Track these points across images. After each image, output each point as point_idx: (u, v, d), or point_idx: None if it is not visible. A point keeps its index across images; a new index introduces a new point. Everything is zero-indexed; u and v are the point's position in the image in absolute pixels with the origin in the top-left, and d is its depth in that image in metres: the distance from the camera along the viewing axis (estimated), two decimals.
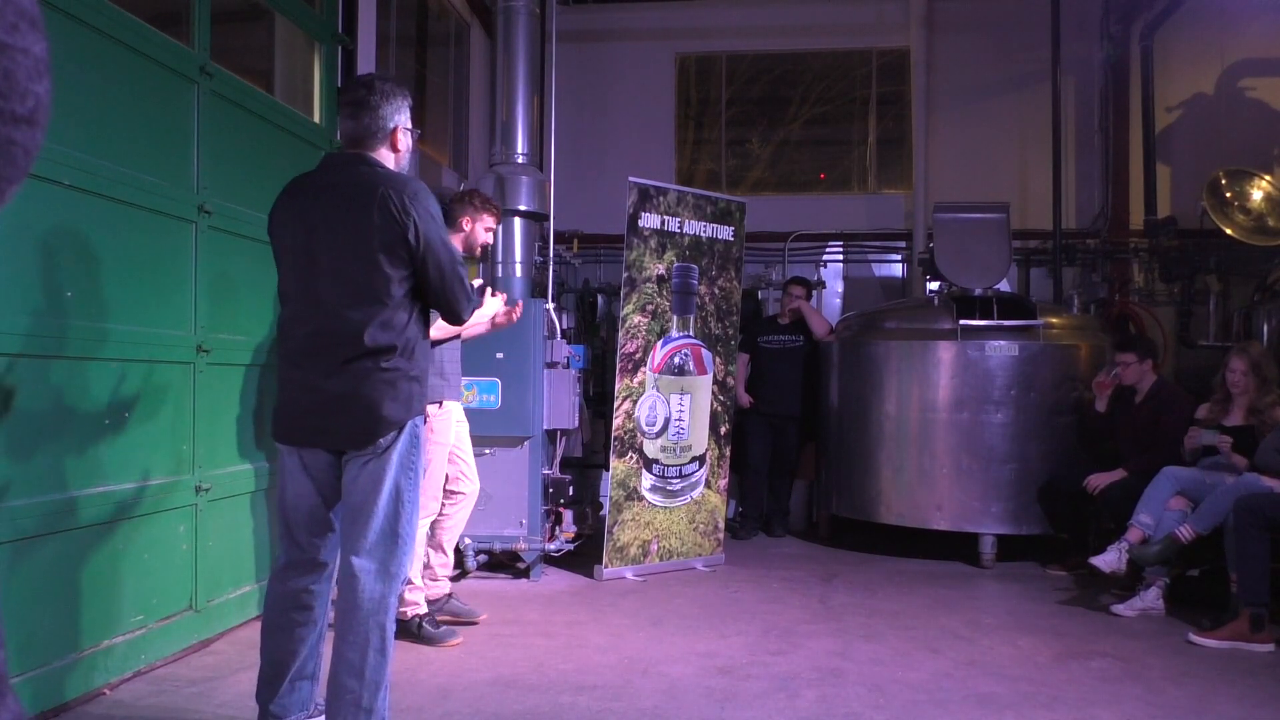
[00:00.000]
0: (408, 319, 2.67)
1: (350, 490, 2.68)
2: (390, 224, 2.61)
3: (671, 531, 5.68)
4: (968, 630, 4.41)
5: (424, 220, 2.64)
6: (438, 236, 2.68)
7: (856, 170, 8.89)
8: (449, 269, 2.70)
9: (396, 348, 2.64)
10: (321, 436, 2.68)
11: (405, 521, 2.67)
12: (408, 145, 2.81)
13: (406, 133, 2.80)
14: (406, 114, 2.80)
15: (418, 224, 2.63)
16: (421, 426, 2.75)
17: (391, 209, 2.61)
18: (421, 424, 2.75)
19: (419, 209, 2.64)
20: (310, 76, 5.15)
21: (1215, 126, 7.99)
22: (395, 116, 2.75)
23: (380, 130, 2.74)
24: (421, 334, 2.75)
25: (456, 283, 2.73)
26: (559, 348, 5.40)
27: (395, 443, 2.65)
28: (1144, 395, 5.58)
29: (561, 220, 6.72)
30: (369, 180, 2.65)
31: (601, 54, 8.83)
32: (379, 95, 2.73)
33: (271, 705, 2.78)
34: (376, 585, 2.62)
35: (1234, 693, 3.59)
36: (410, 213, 2.62)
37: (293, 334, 2.72)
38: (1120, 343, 5.84)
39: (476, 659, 3.85)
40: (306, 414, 2.67)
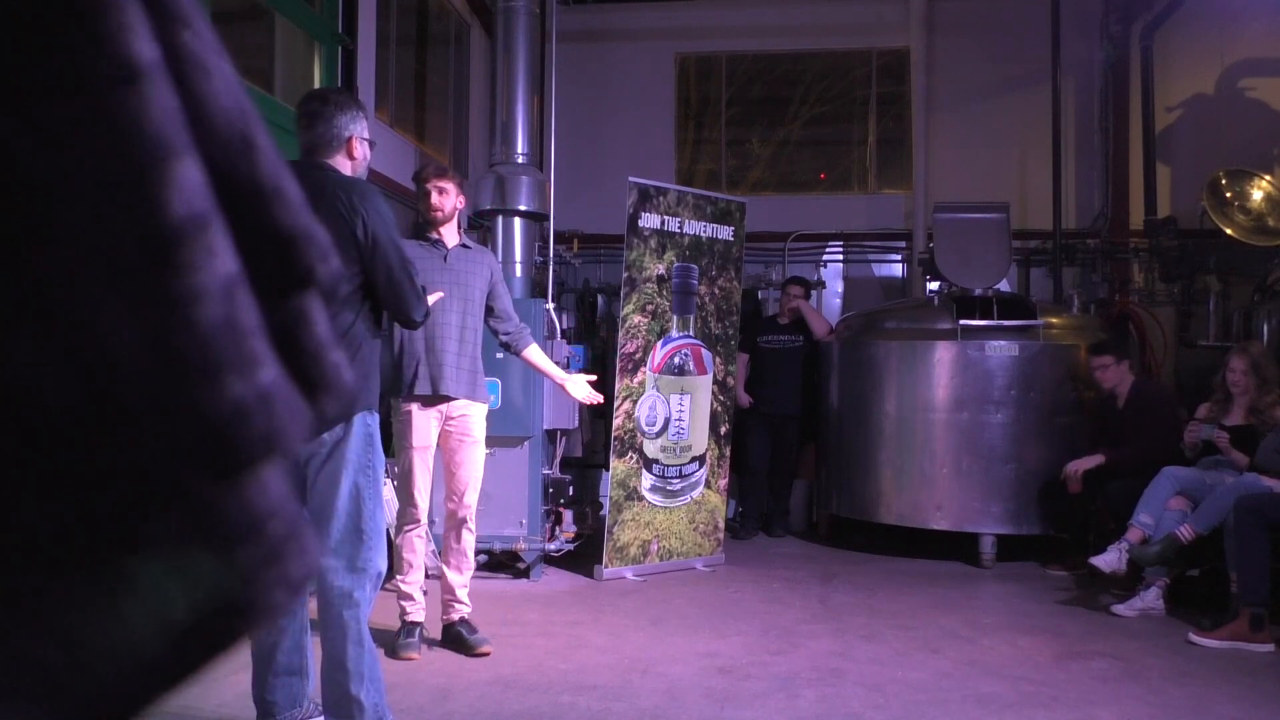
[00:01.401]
0: (355, 315, 2.74)
1: (311, 493, 2.76)
2: (338, 222, 2.68)
3: (671, 531, 5.68)
4: (968, 630, 4.41)
5: (373, 218, 2.72)
6: (387, 235, 2.75)
7: (856, 170, 8.89)
8: (398, 269, 2.77)
9: (341, 343, 2.66)
10: None
11: (368, 519, 2.74)
12: (364, 154, 2.91)
13: (363, 143, 2.89)
14: (362, 124, 2.90)
15: (366, 221, 2.71)
16: (375, 424, 2.81)
17: (339, 208, 2.69)
18: (375, 421, 2.80)
19: (367, 207, 2.72)
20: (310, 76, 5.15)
21: (1215, 126, 7.99)
22: (350, 126, 2.85)
23: (335, 139, 2.83)
24: (370, 331, 2.81)
25: (406, 283, 2.80)
26: (559, 348, 5.40)
27: (346, 440, 2.71)
28: (1125, 399, 5.59)
29: (561, 220, 6.72)
30: (319, 182, 2.73)
31: (601, 54, 8.82)
32: (333, 106, 2.85)
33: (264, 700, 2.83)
34: (343, 581, 2.70)
35: (1234, 693, 3.59)
36: (358, 210, 2.70)
37: None
38: (1096, 346, 5.80)
39: (476, 659, 3.85)
40: None
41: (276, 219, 0.62)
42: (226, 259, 0.54)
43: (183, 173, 0.52)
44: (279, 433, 0.54)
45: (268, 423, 0.53)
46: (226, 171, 0.59)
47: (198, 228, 0.52)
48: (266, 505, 0.55)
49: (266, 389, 0.54)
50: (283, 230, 0.63)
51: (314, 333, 0.65)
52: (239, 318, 0.53)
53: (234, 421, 0.52)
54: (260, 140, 0.62)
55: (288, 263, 0.63)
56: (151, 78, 0.52)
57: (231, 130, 0.60)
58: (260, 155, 0.62)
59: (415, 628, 3.96)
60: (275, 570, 0.55)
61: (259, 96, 4.46)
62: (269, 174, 0.62)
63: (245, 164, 0.61)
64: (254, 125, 0.62)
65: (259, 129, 0.62)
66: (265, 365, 0.54)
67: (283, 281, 0.63)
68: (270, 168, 0.63)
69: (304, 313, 0.65)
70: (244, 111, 0.62)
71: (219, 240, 0.54)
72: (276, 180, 0.63)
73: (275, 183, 0.63)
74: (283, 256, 0.63)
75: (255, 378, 0.53)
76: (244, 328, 0.53)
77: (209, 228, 0.53)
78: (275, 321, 0.62)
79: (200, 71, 0.59)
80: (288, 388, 0.56)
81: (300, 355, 0.64)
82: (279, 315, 0.63)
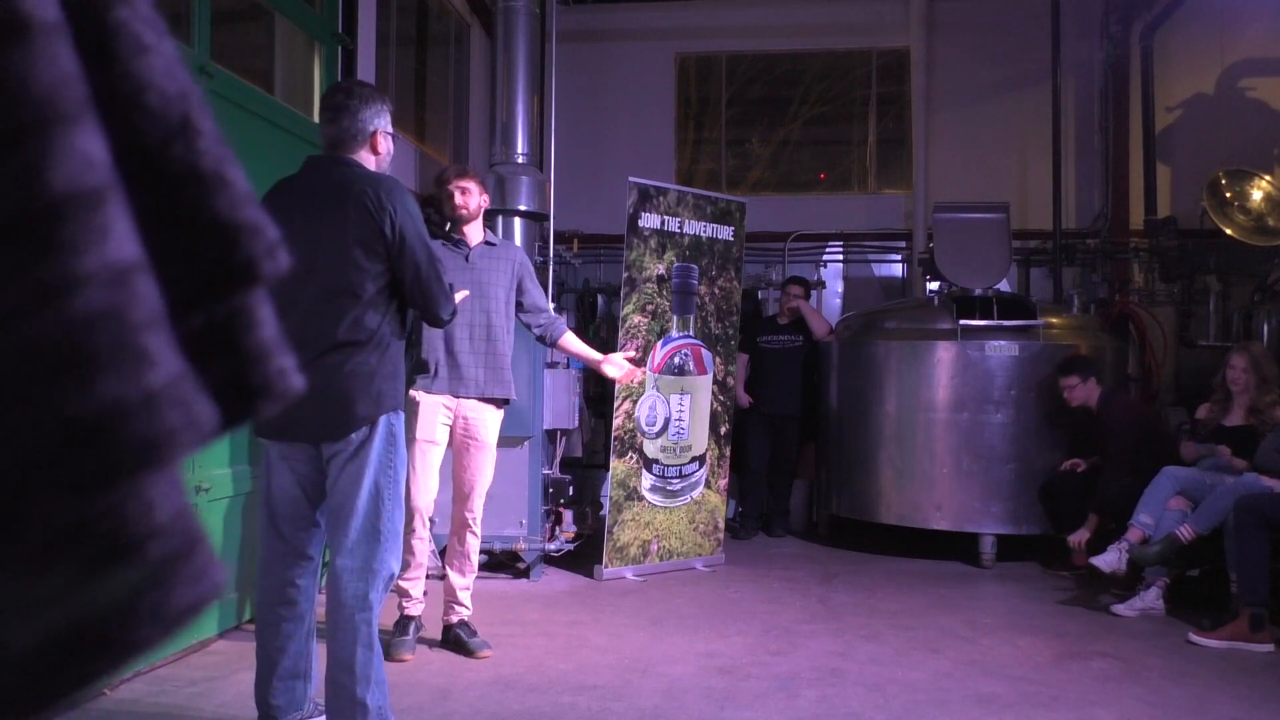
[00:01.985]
0: (382, 316, 2.71)
1: (331, 492, 2.73)
2: (366, 219, 2.66)
3: (671, 531, 5.68)
4: (968, 630, 4.41)
5: (401, 215, 2.69)
6: (415, 233, 2.72)
7: (856, 170, 8.89)
8: (426, 267, 2.74)
9: (368, 343, 2.68)
10: (296, 429, 2.72)
11: (386, 520, 2.71)
12: (388, 149, 2.87)
13: (387, 136, 2.85)
14: (386, 118, 2.86)
15: (394, 218, 2.67)
16: (399, 424, 2.78)
17: (367, 204, 2.66)
18: (398, 421, 2.78)
19: (395, 203, 2.68)
20: (310, 76, 5.15)
21: (1215, 126, 7.99)
22: (374, 120, 2.81)
23: (359, 134, 2.79)
24: (397, 332, 2.77)
25: (434, 281, 2.76)
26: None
27: (371, 440, 2.69)
28: (1096, 413, 5.62)
29: (561, 220, 6.73)
30: (346, 179, 2.71)
31: (601, 54, 8.82)
32: (358, 100, 2.79)
33: (266, 704, 2.80)
34: (359, 583, 2.67)
35: (1234, 693, 3.59)
36: (386, 207, 2.67)
37: None
38: (1062, 366, 5.77)
39: (476, 659, 3.85)
40: None
41: (216, 208, 0.57)
42: (122, 243, 0.48)
43: (72, 142, 0.46)
44: (165, 441, 0.47)
45: (150, 428, 0.47)
46: (159, 154, 0.55)
47: (83, 205, 0.46)
48: (146, 523, 0.48)
49: (152, 390, 0.47)
50: (223, 221, 0.57)
51: (257, 334, 0.60)
52: (128, 309, 0.47)
53: (104, 426, 0.45)
54: (203, 124, 0.57)
55: (228, 256, 0.58)
56: (44, 37, 0.47)
57: (169, 110, 0.56)
58: (201, 140, 0.57)
59: (411, 622, 3.95)
60: (149, 600, 0.48)
61: (259, 97, 4.46)
62: (210, 160, 0.57)
63: (183, 147, 0.56)
64: (196, 108, 0.58)
65: (202, 113, 0.58)
66: (157, 364, 0.48)
67: (222, 276, 0.58)
68: (212, 154, 0.58)
69: (246, 311, 0.59)
70: (185, 93, 0.57)
71: (114, 222, 0.48)
72: (219, 167, 0.58)
73: (217, 169, 0.58)
74: (222, 249, 0.58)
75: (140, 377, 0.47)
76: (134, 321, 0.47)
77: (100, 207, 0.47)
78: (212, 319, 0.58)
79: (135, 47, 0.55)
80: (188, 390, 0.49)
81: (238, 357, 0.59)
82: (216, 312, 0.58)
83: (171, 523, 0.49)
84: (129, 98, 0.54)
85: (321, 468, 2.76)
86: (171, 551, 0.49)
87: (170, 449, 0.47)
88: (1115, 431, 5.44)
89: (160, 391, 0.47)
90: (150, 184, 0.55)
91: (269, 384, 0.60)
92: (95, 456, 0.46)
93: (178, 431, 0.48)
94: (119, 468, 0.46)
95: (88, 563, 0.47)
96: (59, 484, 0.46)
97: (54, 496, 0.46)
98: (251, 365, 0.59)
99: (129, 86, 0.54)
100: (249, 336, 0.59)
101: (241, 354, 0.59)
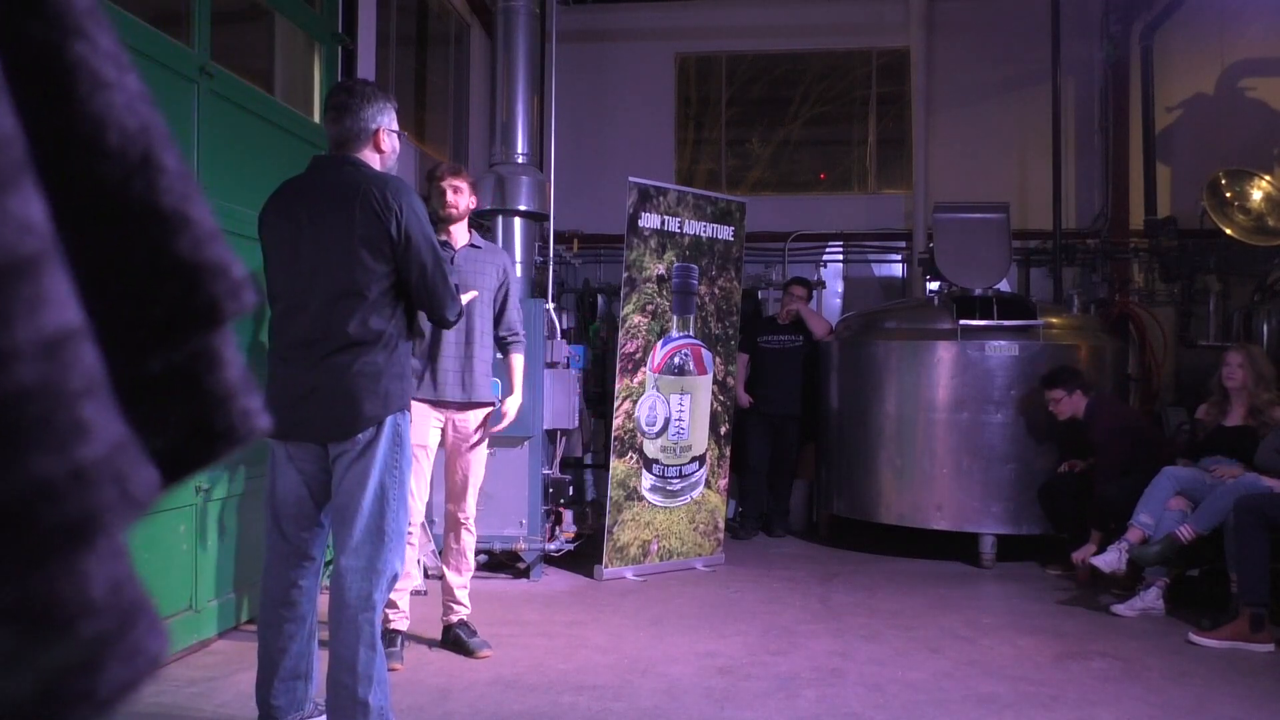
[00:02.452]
0: (389, 316, 2.71)
1: (337, 491, 2.73)
2: (372, 219, 2.65)
3: (671, 531, 5.68)
4: (968, 630, 4.41)
5: (407, 215, 2.68)
6: (421, 233, 2.71)
7: (856, 170, 8.89)
8: (432, 267, 2.73)
9: (375, 343, 2.67)
10: (303, 429, 2.72)
11: (391, 519, 2.71)
12: (393, 147, 2.86)
13: (391, 135, 2.84)
14: (391, 116, 2.85)
15: (399, 218, 2.67)
16: (405, 424, 2.77)
17: (373, 204, 2.66)
18: (405, 422, 2.77)
19: (401, 203, 2.68)
20: (310, 76, 5.15)
21: (1215, 126, 7.99)
22: (378, 119, 2.80)
23: (363, 132, 2.78)
24: (403, 332, 2.77)
25: (440, 281, 2.75)
26: (559, 348, 5.40)
27: (377, 440, 2.68)
28: (1084, 419, 5.61)
29: (561, 220, 6.72)
30: (352, 179, 2.70)
31: (601, 54, 8.83)
32: (360, 98, 2.78)
33: (267, 704, 2.80)
34: (363, 583, 2.67)
35: (1234, 693, 3.59)
36: (392, 207, 2.66)
37: (282, 331, 2.79)
38: (1046, 380, 5.74)
39: (476, 659, 3.85)
40: (288, 407, 2.70)
41: (177, 248, 0.56)
42: (57, 310, 0.45)
43: (7, 209, 0.44)
44: (96, 517, 0.45)
45: (81, 506, 0.44)
46: (118, 193, 0.54)
47: (15, 276, 0.44)
48: (76, 600, 0.45)
49: (85, 465, 0.45)
50: (184, 261, 0.56)
51: (220, 376, 0.58)
52: (62, 380, 0.45)
53: (27, 506, 0.43)
54: (165, 161, 0.56)
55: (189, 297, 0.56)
56: None
57: (128, 149, 0.54)
58: (163, 178, 0.55)
59: (397, 636, 3.86)
60: (81, 680, 0.46)
61: (259, 97, 4.46)
62: (172, 198, 0.56)
63: (142, 185, 0.55)
64: (159, 145, 0.56)
65: (166, 150, 0.56)
66: (92, 436, 0.45)
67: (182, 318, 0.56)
68: (175, 191, 0.56)
69: (210, 353, 0.58)
70: (147, 129, 0.55)
71: (50, 288, 0.45)
72: (181, 205, 0.56)
73: (179, 208, 0.56)
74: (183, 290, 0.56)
75: (72, 452, 0.44)
76: (68, 391, 0.45)
77: (35, 274, 0.45)
78: (171, 362, 0.56)
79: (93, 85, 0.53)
80: (125, 460, 0.47)
81: (200, 400, 0.57)
82: (176, 355, 0.56)
83: (105, 598, 0.46)
84: (86, 137, 0.53)
85: (327, 467, 2.76)
86: (105, 628, 0.46)
87: (103, 525, 0.45)
88: (1101, 441, 5.46)
89: (93, 466, 0.45)
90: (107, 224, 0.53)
91: (233, 427, 0.59)
92: (19, 538, 0.43)
93: (111, 506, 0.45)
94: (45, 549, 0.44)
95: (13, 644, 0.45)
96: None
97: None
98: (215, 408, 0.58)
99: (87, 126, 0.53)
100: (212, 378, 0.58)
101: (204, 397, 0.58)
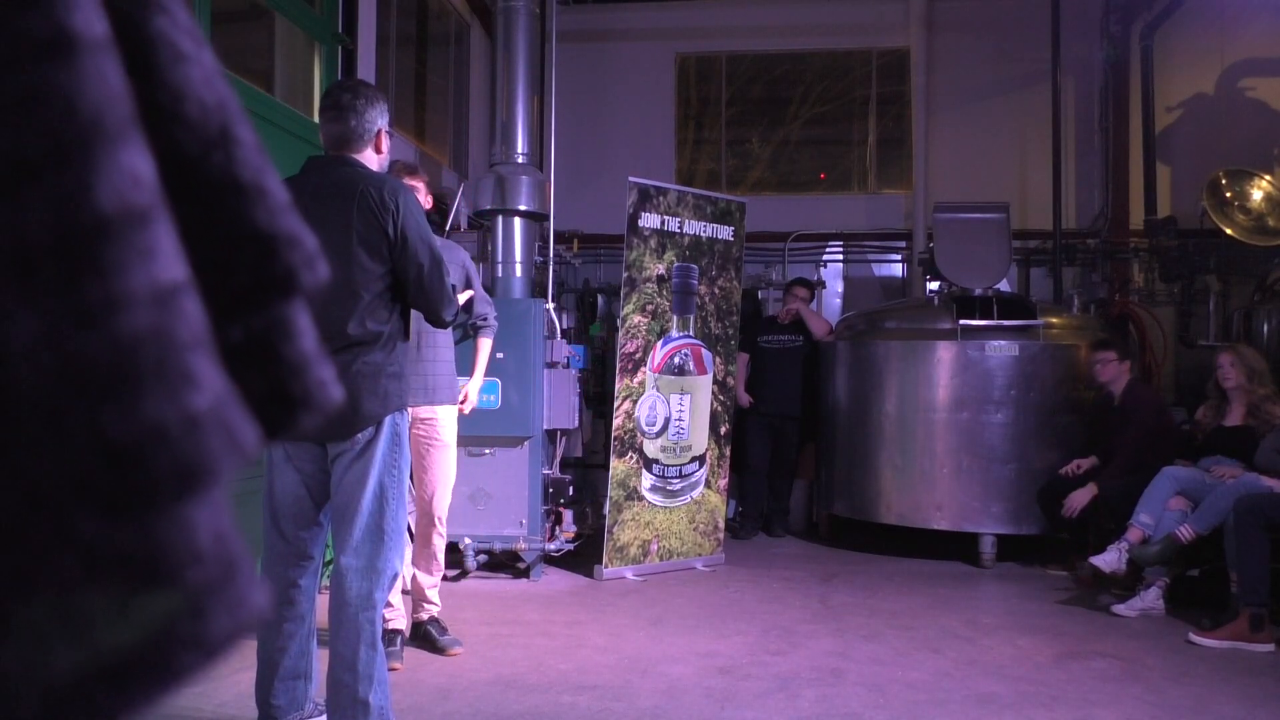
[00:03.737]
0: (387, 315, 2.71)
1: (336, 490, 2.73)
2: (369, 219, 2.66)
3: (671, 531, 5.68)
4: (968, 630, 4.41)
5: (403, 215, 2.69)
6: (418, 233, 2.71)
7: (856, 170, 8.89)
8: (429, 267, 2.73)
9: (373, 343, 2.68)
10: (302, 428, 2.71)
11: (390, 519, 2.71)
12: (388, 147, 2.89)
13: (387, 135, 2.87)
14: (387, 117, 2.88)
15: (396, 217, 2.68)
16: (403, 424, 2.78)
17: (371, 204, 2.66)
18: (403, 421, 2.78)
19: (399, 203, 2.69)
20: (310, 76, 5.16)
21: (1215, 126, 7.99)
22: (379, 120, 2.82)
23: (365, 133, 2.80)
24: (401, 332, 2.77)
25: (437, 281, 2.75)
26: (559, 348, 5.41)
27: (376, 440, 2.69)
28: (1119, 398, 5.62)
29: (561, 220, 6.72)
30: (349, 179, 2.71)
31: (601, 54, 8.83)
32: (364, 99, 2.79)
33: (267, 704, 2.80)
34: (363, 583, 2.67)
35: (1234, 693, 3.59)
36: (389, 206, 2.67)
37: None
38: (1101, 342, 5.84)
39: (476, 659, 3.86)
40: None
41: (255, 219, 0.57)
42: (167, 263, 0.47)
43: (119, 160, 0.46)
44: (206, 465, 0.46)
45: (192, 453, 0.46)
46: (198, 165, 0.55)
47: (129, 225, 0.46)
48: (185, 548, 0.46)
49: (196, 413, 0.46)
50: (262, 231, 0.57)
51: (297, 345, 0.60)
52: (173, 330, 0.46)
53: (143, 449, 0.45)
54: (241, 134, 0.57)
55: (267, 267, 0.58)
56: (92, 54, 0.46)
57: (208, 121, 0.56)
58: (240, 150, 0.57)
59: (396, 635, 3.88)
60: (188, 626, 0.47)
61: (259, 97, 4.46)
62: (249, 170, 0.57)
63: (222, 158, 0.56)
64: (235, 118, 0.57)
65: (241, 123, 0.58)
66: (201, 386, 0.47)
67: (261, 287, 0.58)
68: (251, 164, 0.58)
69: (286, 322, 0.59)
70: (224, 103, 0.57)
71: (160, 241, 0.47)
72: (258, 178, 0.58)
73: (256, 180, 0.58)
74: (261, 259, 0.58)
75: (183, 400, 0.46)
76: (178, 341, 0.46)
77: (146, 226, 0.46)
78: (251, 330, 0.58)
79: (174, 57, 0.54)
80: (231, 412, 0.48)
81: (278, 368, 0.59)
82: (256, 324, 0.58)
83: (212, 548, 0.47)
84: (168, 109, 0.54)
85: (326, 467, 2.76)
86: (211, 577, 0.47)
87: (212, 473, 0.47)
88: (1136, 421, 5.43)
89: (203, 415, 0.46)
90: (189, 195, 0.54)
91: (309, 395, 0.60)
92: (135, 480, 0.45)
93: (220, 455, 0.47)
94: (159, 492, 0.45)
95: (125, 588, 0.46)
96: (98, 507, 0.45)
97: (93, 520, 0.45)
98: (292, 376, 0.59)
99: (168, 97, 0.54)
100: (289, 347, 0.59)
101: (282, 365, 0.59)
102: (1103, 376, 5.67)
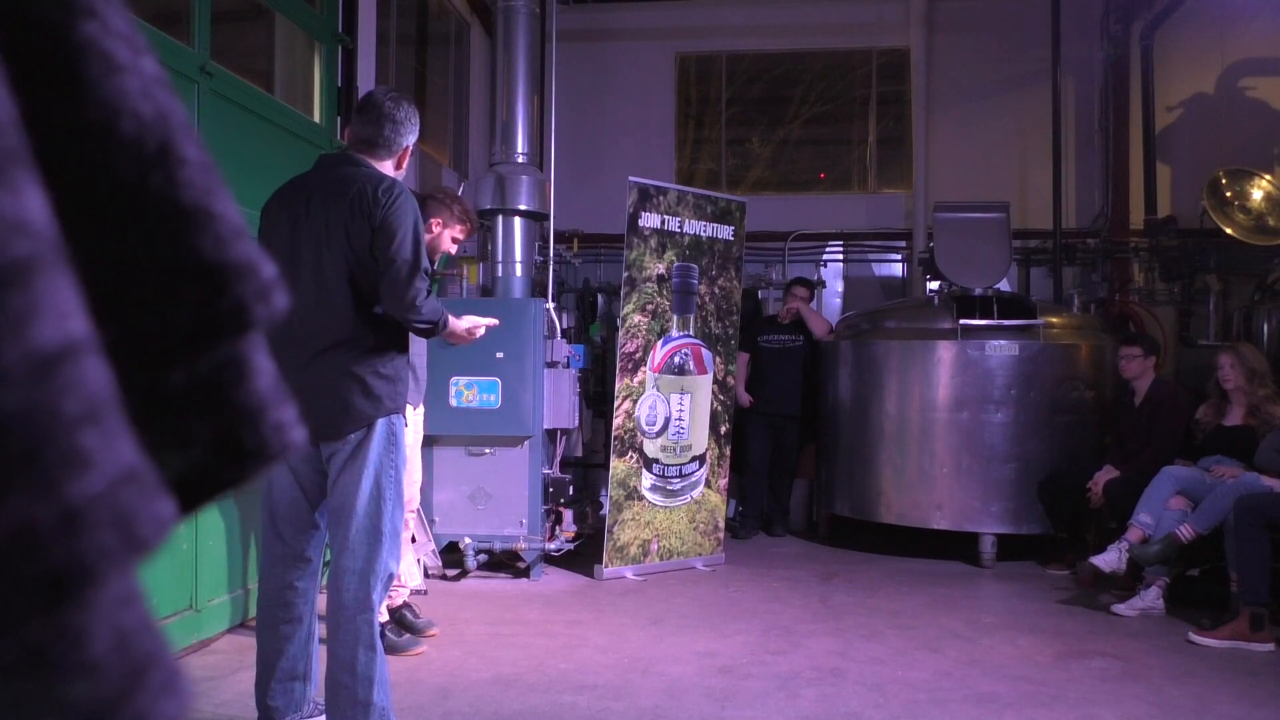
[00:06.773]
0: (380, 316, 2.69)
1: (332, 492, 2.73)
2: (359, 215, 2.64)
3: (671, 531, 5.68)
4: (968, 630, 4.41)
5: (387, 208, 2.63)
6: (396, 228, 2.63)
7: (856, 170, 8.89)
8: (401, 264, 2.61)
9: (367, 343, 2.66)
10: None
11: (387, 519, 2.71)
12: (408, 165, 2.91)
13: (411, 155, 2.88)
14: (415, 136, 2.86)
15: (381, 209, 2.62)
16: (400, 426, 2.77)
17: (364, 200, 2.64)
18: (399, 423, 2.77)
19: (388, 198, 2.64)
20: (310, 76, 5.15)
21: (1215, 126, 7.99)
22: (409, 136, 2.82)
23: (393, 144, 2.79)
24: (397, 332, 2.75)
25: (405, 283, 2.61)
26: (559, 347, 5.41)
27: (370, 440, 2.68)
28: (1142, 395, 5.60)
29: (561, 220, 6.72)
30: (348, 177, 2.69)
31: (601, 54, 8.82)
32: (403, 112, 2.78)
33: (265, 705, 2.81)
34: (360, 584, 2.67)
35: (1234, 692, 3.59)
36: (380, 200, 2.63)
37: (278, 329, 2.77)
38: (1129, 336, 5.87)
39: (476, 659, 3.86)
40: None
41: (200, 248, 0.50)
42: (56, 322, 0.40)
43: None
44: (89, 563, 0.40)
45: (70, 553, 0.39)
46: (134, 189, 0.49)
47: (6, 284, 0.39)
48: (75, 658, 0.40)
49: (76, 505, 0.39)
50: (207, 262, 0.50)
51: (249, 387, 0.53)
52: (54, 405, 0.39)
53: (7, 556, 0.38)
54: (186, 152, 0.51)
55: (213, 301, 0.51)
56: None
57: (145, 138, 0.49)
58: (183, 170, 0.50)
59: (405, 611, 4.08)
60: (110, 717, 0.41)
61: (259, 96, 4.46)
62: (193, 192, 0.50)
63: (161, 179, 0.49)
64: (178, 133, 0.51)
65: (186, 139, 0.51)
66: (92, 466, 0.40)
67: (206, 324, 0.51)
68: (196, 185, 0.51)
69: (237, 361, 0.52)
70: (165, 116, 0.50)
71: (45, 296, 0.40)
72: (203, 201, 0.51)
73: (201, 203, 0.51)
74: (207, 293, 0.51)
75: (61, 491, 0.39)
76: (63, 418, 0.39)
77: (28, 282, 0.39)
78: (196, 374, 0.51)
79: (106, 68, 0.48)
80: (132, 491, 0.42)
81: (229, 414, 0.52)
82: (202, 365, 0.51)
83: (107, 655, 0.41)
84: (98, 126, 0.48)
85: (321, 468, 2.76)
86: (110, 689, 0.41)
87: (95, 575, 0.40)
88: (1164, 418, 5.42)
89: (87, 506, 0.40)
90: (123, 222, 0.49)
91: (264, 443, 0.53)
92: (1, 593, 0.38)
93: (107, 552, 0.40)
94: (27, 604, 0.39)
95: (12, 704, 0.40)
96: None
97: None
98: (244, 422, 0.53)
99: (98, 113, 0.48)
100: (241, 390, 0.53)
101: (233, 410, 0.52)
102: (1127, 373, 5.67)
